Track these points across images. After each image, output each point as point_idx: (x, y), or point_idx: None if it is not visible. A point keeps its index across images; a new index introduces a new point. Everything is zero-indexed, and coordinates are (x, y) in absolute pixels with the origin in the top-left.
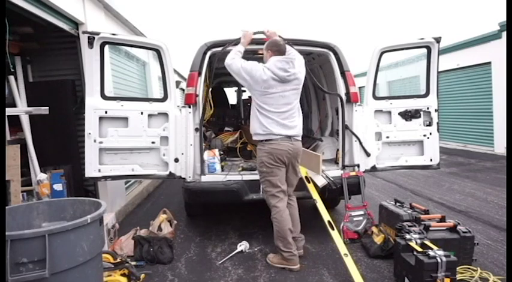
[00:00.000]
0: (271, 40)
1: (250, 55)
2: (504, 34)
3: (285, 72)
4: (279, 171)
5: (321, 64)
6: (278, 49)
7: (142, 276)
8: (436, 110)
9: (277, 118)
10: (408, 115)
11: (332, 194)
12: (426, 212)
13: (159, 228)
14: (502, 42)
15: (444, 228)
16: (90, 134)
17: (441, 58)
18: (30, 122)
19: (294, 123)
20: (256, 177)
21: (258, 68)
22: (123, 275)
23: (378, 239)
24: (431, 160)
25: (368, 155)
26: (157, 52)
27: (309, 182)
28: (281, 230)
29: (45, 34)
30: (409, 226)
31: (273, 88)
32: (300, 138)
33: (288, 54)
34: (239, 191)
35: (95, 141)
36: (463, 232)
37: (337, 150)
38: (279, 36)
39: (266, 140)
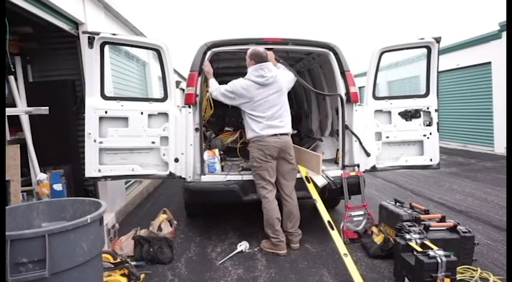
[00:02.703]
0: (254, 50)
1: None
2: (504, 34)
3: (263, 78)
4: (268, 166)
5: (321, 64)
6: (260, 60)
7: (142, 276)
8: (436, 110)
9: (266, 121)
10: (408, 115)
11: (332, 194)
12: (426, 212)
13: (159, 228)
14: (502, 42)
15: (444, 228)
16: (90, 134)
17: (441, 58)
18: (30, 122)
19: (283, 123)
20: None
21: (238, 84)
22: (123, 275)
23: (378, 239)
24: (431, 160)
25: (368, 155)
26: (157, 52)
27: (309, 182)
28: (270, 218)
29: (45, 34)
30: (409, 226)
31: (257, 96)
32: (287, 133)
33: (263, 63)
34: (239, 191)
35: (95, 141)
36: (463, 232)
37: (337, 150)
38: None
39: (256, 139)
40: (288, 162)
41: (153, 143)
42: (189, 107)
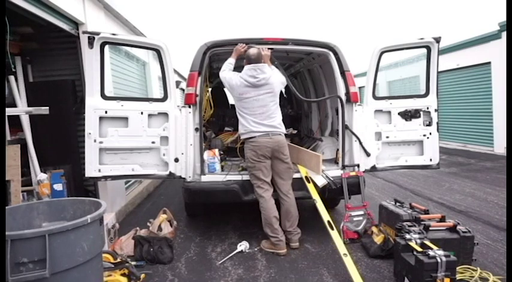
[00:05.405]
0: (247, 52)
1: None
2: (504, 34)
3: (255, 78)
4: (262, 166)
5: (321, 64)
6: (249, 62)
7: (142, 276)
8: (435, 110)
9: (256, 119)
10: (408, 115)
11: (332, 194)
12: (426, 212)
13: (159, 228)
14: (502, 42)
15: (444, 228)
16: (90, 134)
17: (441, 58)
18: (30, 122)
19: (273, 123)
20: None
21: (234, 77)
22: (123, 275)
23: (378, 239)
24: (431, 160)
25: (368, 155)
26: (157, 52)
27: (309, 182)
28: (267, 218)
29: (45, 34)
30: (409, 226)
31: (247, 93)
32: (279, 133)
33: (258, 64)
34: (239, 191)
35: (95, 141)
36: (463, 232)
37: (337, 150)
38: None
39: (249, 139)
40: (282, 162)
41: (153, 143)
42: (189, 107)
